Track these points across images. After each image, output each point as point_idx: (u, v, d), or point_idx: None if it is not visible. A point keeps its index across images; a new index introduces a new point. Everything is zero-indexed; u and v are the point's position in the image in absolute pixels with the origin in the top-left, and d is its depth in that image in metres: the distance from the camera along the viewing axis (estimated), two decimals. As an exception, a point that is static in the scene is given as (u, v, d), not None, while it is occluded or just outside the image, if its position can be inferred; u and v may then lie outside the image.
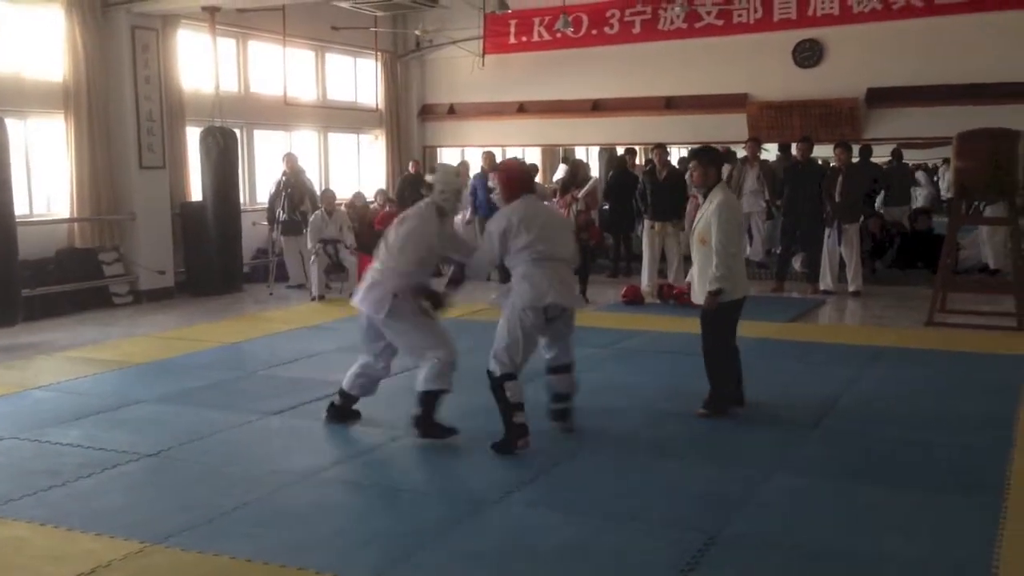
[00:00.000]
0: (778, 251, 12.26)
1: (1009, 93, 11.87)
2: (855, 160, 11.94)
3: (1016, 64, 12.02)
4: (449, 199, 5.79)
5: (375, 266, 5.81)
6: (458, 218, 13.61)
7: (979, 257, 12.56)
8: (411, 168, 15.16)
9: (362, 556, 4.06)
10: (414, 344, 5.69)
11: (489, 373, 5.50)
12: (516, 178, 5.76)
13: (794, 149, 11.99)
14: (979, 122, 9.77)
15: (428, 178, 5.95)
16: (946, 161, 15.72)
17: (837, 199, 11.03)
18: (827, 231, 11.18)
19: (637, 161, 14.47)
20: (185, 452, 5.53)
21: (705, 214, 5.96)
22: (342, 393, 6.08)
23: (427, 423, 5.58)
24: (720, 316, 5.99)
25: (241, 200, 12.59)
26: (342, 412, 6.08)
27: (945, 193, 16.30)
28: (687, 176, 6.16)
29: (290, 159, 12.63)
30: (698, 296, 6.08)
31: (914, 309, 9.90)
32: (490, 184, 5.59)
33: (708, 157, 6.14)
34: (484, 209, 12.93)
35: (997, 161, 9.03)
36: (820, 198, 11.15)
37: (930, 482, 4.89)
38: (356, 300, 5.79)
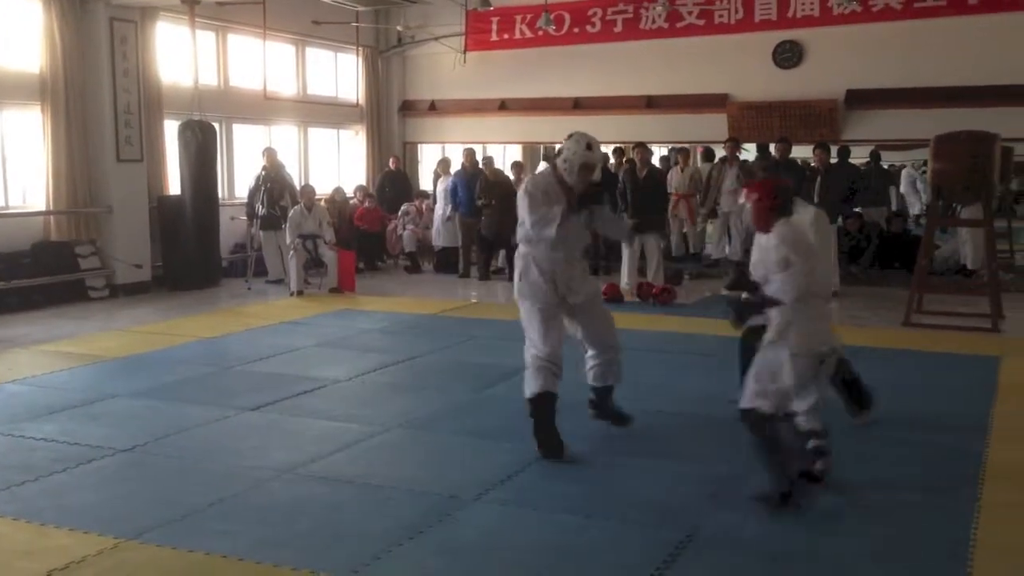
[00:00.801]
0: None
1: (986, 96, 11.99)
2: (834, 161, 12.01)
3: (993, 67, 12.13)
4: (571, 168, 5.38)
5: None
6: (438, 213, 13.63)
7: (956, 257, 12.68)
8: (391, 164, 15.14)
9: (338, 552, 4.05)
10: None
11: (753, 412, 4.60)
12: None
13: (772, 149, 12.04)
14: (956, 124, 9.83)
15: (558, 146, 5.63)
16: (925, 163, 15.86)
17: (816, 200, 11.08)
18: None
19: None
20: (161, 447, 5.50)
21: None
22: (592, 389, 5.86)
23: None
24: None
25: (220, 194, 12.51)
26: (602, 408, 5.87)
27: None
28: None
29: (270, 154, 12.57)
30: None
31: (891, 309, 9.97)
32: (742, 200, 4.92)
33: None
34: (465, 207, 12.91)
35: (974, 163, 9.11)
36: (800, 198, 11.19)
37: (905, 481, 4.92)
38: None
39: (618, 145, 14.12)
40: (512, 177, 13.20)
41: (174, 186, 12.08)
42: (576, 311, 5.55)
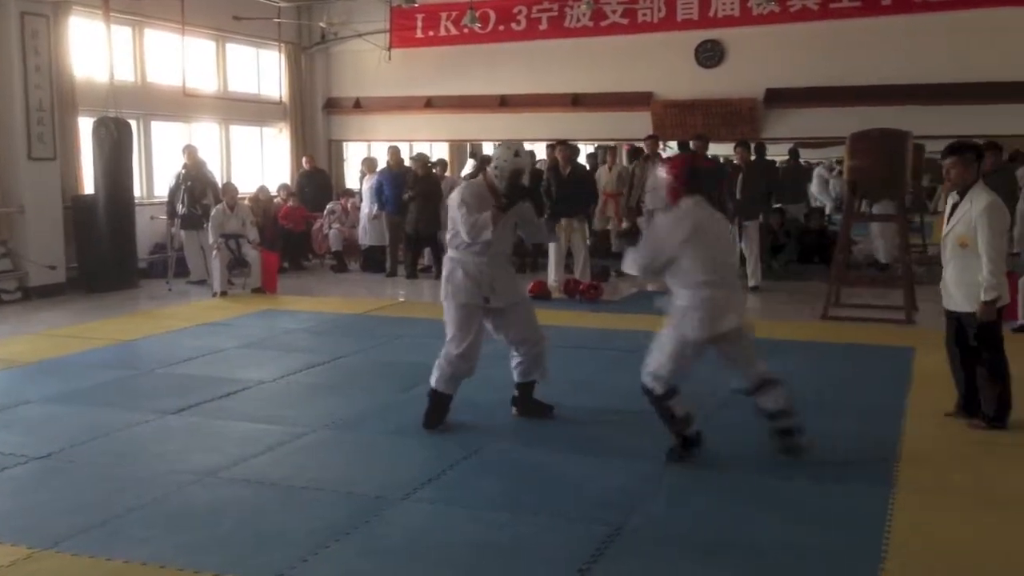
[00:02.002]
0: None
1: (900, 95, 12.35)
2: (754, 158, 12.25)
3: (907, 67, 12.49)
4: (501, 175, 5.61)
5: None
6: (364, 212, 13.52)
7: (871, 251, 13.04)
8: (305, 164, 14.96)
9: (263, 556, 3.98)
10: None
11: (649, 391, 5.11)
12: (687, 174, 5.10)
13: (691, 146, 12.23)
14: (871, 122, 10.12)
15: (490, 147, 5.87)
16: (839, 162, 16.27)
17: (738, 196, 11.29)
18: (729, 228, 11.42)
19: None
20: (77, 453, 5.34)
21: (967, 215, 5.42)
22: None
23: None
24: (997, 322, 5.52)
25: (137, 193, 12.23)
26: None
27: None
28: (943, 173, 5.63)
29: (190, 151, 12.31)
30: (959, 303, 5.56)
31: (810, 304, 10.20)
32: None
33: (970, 154, 5.53)
34: (391, 205, 12.82)
35: (888, 160, 9.37)
36: (720, 195, 11.39)
37: (824, 470, 5.03)
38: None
39: (549, 142, 14.20)
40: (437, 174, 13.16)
41: (89, 185, 11.75)
42: (500, 315, 5.73)
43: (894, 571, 3.83)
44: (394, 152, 13.42)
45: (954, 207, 5.61)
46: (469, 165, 17.24)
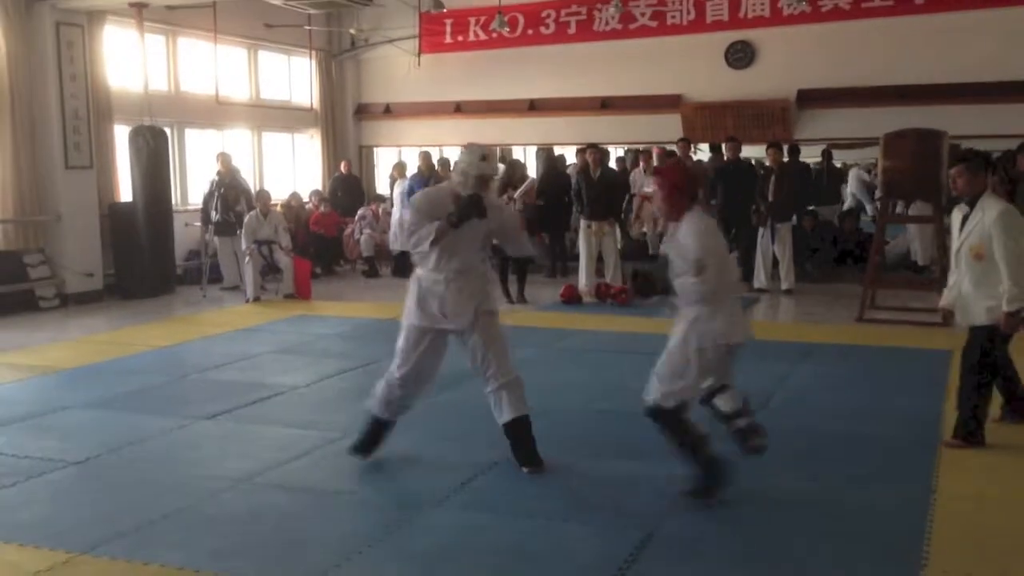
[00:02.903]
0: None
1: (935, 94, 12.20)
2: (786, 160, 12.15)
3: (941, 66, 12.35)
4: (466, 182, 5.04)
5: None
6: (394, 217, 13.55)
7: (902, 250, 12.89)
8: (343, 168, 15.04)
9: (297, 561, 4.00)
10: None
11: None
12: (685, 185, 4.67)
13: (723, 149, 12.17)
14: (906, 123, 10.00)
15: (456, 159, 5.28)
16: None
17: (770, 198, 11.21)
18: (760, 230, 11.36)
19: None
20: (114, 459, 5.40)
21: (980, 225, 5.27)
22: None
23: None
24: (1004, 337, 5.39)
25: (173, 200, 12.35)
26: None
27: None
28: (951, 183, 5.53)
29: (224, 158, 12.42)
30: (977, 317, 5.36)
31: (845, 306, 10.10)
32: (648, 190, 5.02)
33: (976, 163, 5.40)
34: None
35: (923, 161, 9.25)
36: (752, 197, 11.33)
37: (861, 476, 4.98)
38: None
39: (579, 146, 14.18)
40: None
41: (126, 193, 11.89)
42: (462, 338, 5.11)
43: (933, 578, 3.77)
44: (425, 157, 13.45)
45: (964, 219, 5.41)
46: (499, 170, 17.21)
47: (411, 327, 5.13)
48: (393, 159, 16.01)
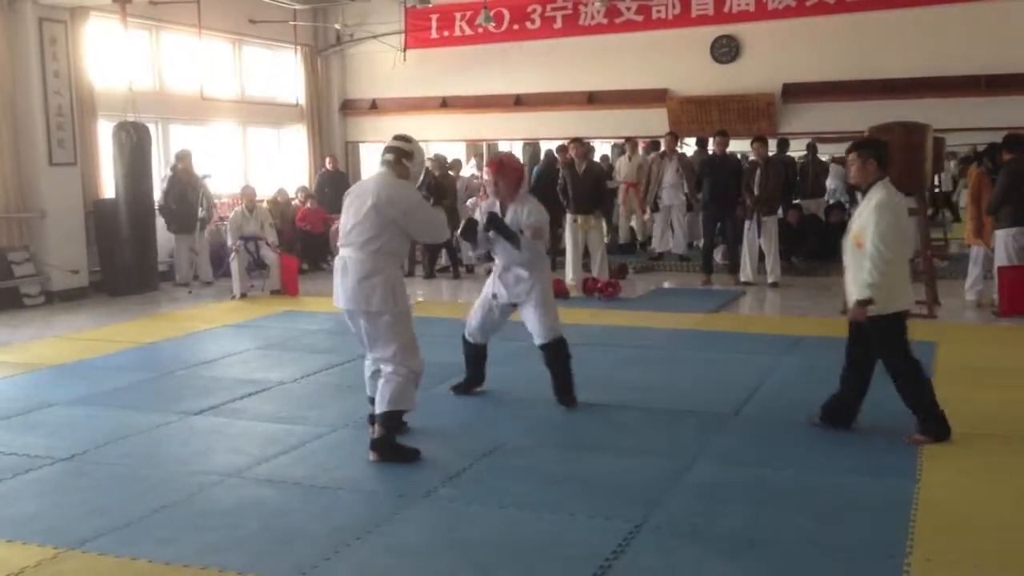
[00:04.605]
0: (700, 244, 12.42)
1: (919, 88, 12.28)
2: (772, 154, 12.21)
3: (925, 59, 12.42)
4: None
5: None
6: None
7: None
8: (328, 164, 15.01)
9: (285, 555, 4.00)
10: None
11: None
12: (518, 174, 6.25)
13: (711, 143, 12.20)
14: (890, 116, 10.04)
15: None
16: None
17: (756, 192, 11.25)
18: (747, 224, 11.40)
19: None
20: (101, 455, 5.38)
21: (863, 213, 5.31)
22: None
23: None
24: (893, 330, 5.38)
25: (156, 197, 12.29)
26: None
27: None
28: (847, 170, 5.53)
29: (184, 155, 12.34)
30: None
31: (830, 299, 10.15)
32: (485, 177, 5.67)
33: (869, 149, 5.37)
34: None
35: (907, 154, 9.29)
36: (739, 191, 11.37)
37: (848, 465, 5.01)
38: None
39: (562, 142, 14.20)
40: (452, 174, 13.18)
41: (109, 189, 11.84)
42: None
43: (918, 566, 3.80)
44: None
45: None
46: (472, 166, 17.31)
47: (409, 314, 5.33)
48: (379, 154, 15.99)
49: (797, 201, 13.97)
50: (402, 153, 5.30)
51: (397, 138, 5.41)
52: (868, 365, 5.52)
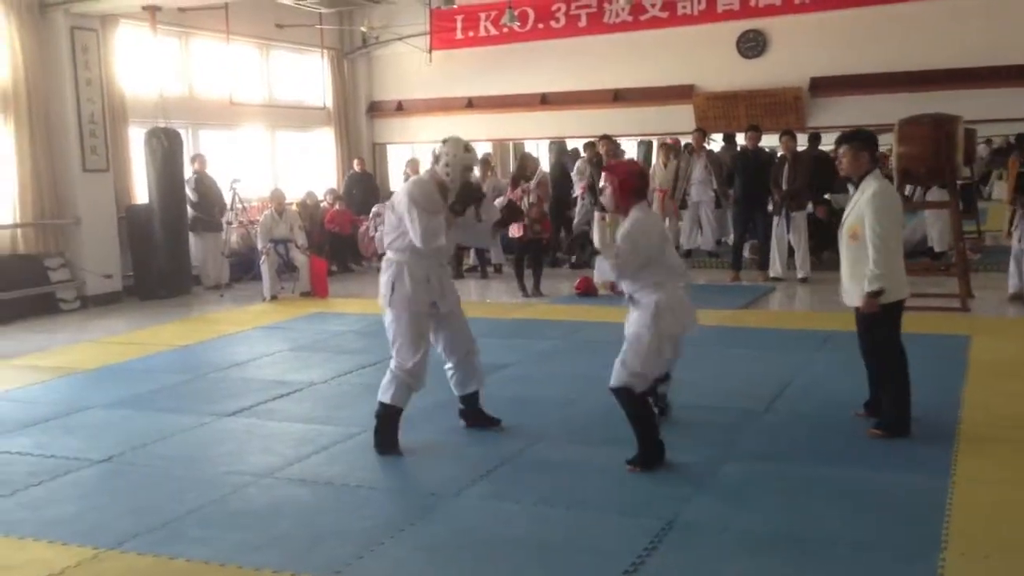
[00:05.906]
0: (729, 240, 12.35)
1: (948, 79, 12.14)
2: (800, 148, 12.12)
3: (954, 50, 12.29)
4: (452, 172, 5.32)
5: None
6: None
7: (919, 236, 12.83)
8: (356, 166, 15.10)
9: (318, 554, 4.04)
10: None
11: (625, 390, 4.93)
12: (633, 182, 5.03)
13: (742, 138, 12.14)
14: (920, 108, 9.95)
15: (436, 149, 5.43)
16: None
17: (784, 187, 11.18)
18: (775, 219, 11.34)
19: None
20: (137, 457, 5.46)
21: (857, 204, 5.28)
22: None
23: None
24: (886, 320, 5.36)
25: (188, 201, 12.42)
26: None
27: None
28: (837, 163, 5.58)
29: (200, 159, 12.47)
30: (852, 298, 5.43)
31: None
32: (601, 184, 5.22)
33: (861, 141, 5.37)
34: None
35: (938, 146, 9.21)
36: (768, 186, 11.31)
37: (881, 461, 4.98)
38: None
39: (589, 139, 14.19)
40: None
41: (142, 195, 11.99)
42: (441, 320, 5.48)
43: (953, 563, 3.78)
44: (413, 164, 13.51)
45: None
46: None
47: (415, 314, 5.32)
48: (407, 156, 16.07)
49: (827, 196, 13.84)
50: (433, 155, 5.41)
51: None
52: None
